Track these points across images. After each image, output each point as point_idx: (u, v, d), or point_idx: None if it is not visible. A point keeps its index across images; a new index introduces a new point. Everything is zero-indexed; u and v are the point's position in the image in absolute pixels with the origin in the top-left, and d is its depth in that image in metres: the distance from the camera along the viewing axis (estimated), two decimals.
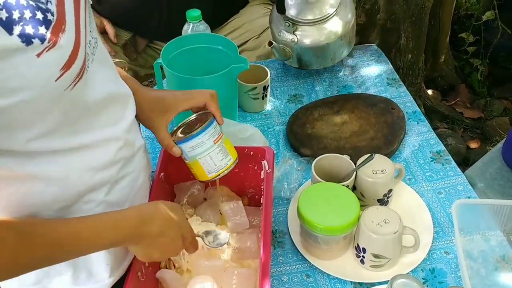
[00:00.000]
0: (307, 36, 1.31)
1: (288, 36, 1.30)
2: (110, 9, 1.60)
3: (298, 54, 1.35)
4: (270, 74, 1.33)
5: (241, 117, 1.35)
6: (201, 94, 0.93)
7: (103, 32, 1.62)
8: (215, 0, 1.56)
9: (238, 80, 1.31)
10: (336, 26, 1.30)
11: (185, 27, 1.29)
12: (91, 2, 0.77)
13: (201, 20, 1.28)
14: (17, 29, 0.58)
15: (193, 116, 0.93)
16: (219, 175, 0.91)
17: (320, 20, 1.29)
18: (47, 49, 0.61)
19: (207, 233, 0.91)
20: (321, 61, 1.38)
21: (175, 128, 0.93)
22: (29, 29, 0.59)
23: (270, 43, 1.31)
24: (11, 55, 0.58)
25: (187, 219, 0.85)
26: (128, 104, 0.85)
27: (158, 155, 1.03)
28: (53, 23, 0.62)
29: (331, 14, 1.29)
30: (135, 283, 0.80)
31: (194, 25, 1.28)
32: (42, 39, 0.60)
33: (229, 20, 1.66)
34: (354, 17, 1.35)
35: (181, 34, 1.29)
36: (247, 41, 1.65)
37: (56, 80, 0.63)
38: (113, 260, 0.86)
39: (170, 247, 0.80)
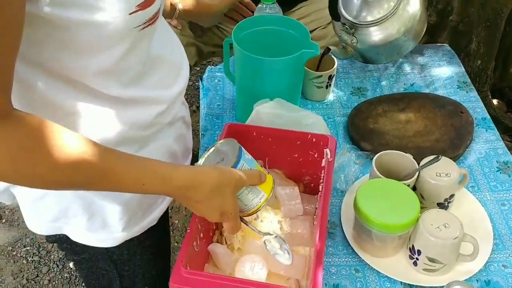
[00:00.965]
0: (367, 37, 1.26)
1: (348, 37, 1.27)
2: None
3: (360, 52, 1.32)
4: (337, 63, 1.31)
5: (302, 105, 1.33)
6: None
7: None
8: None
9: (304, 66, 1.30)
10: (397, 23, 1.24)
11: (258, 7, 1.28)
12: None
13: (275, 2, 1.26)
14: None
15: (218, 144, 0.86)
16: (249, 214, 0.85)
17: (380, 20, 1.22)
18: None
19: (278, 242, 0.86)
20: (386, 57, 1.35)
21: (201, 158, 0.86)
22: None
23: (328, 50, 1.28)
24: None
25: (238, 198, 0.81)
26: (180, 73, 0.88)
27: (218, 132, 1.04)
28: None
29: (391, 13, 1.22)
30: (190, 252, 0.80)
31: (268, 6, 1.27)
32: None
33: (297, 7, 1.64)
34: (421, 9, 1.26)
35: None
36: (313, 30, 1.62)
37: (130, 14, 0.66)
38: (128, 215, 0.88)
39: (206, 214, 0.79)
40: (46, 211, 0.86)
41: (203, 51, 1.74)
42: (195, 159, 1.19)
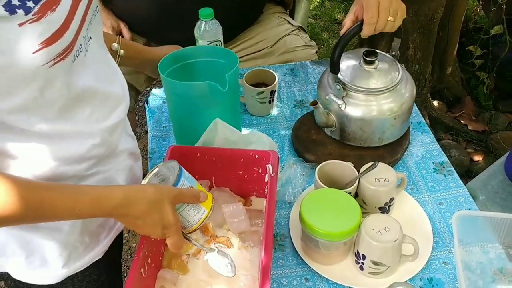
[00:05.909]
0: (356, 105, 1.14)
1: (336, 101, 1.15)
2: (123, 15, 1.61)
3: (342, 123, 1.18)
4: (278, 79, 1.35)
5: (247, 121, 1.36)
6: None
7: (120, 35, 1.63)
8: (232, 11, 1.54)
9: (245, 83, 1.33)
10: (392, 102, 1.14)
11: (198, 24, 1.30)
12: (97, 7, 0.80)
13: (213, 19, 1.28)
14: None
15: (160, 165, 0.90)
16: (192, 230, 0.88)
17: (375, 91, 1.13)
18: (30, 21, 0.64)
19: (220, 257, 0.89)
20: (366, 137, 1.18)
21: (144, 179, 0.89)
22: (15, 1, 0.62)
23: (314, 103, 1.16)
24: None
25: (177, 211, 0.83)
26: (118, 107, 0.87)
27: (165, 154, 1.05)
28: (43, 1, 0.65)
29: (389, 88, 1.13)
30: (138, 279, 0.81)
31: (207, 23, 1.28)
32: (27, 11, 0.63)
33: (245, 30, 1.67)
34: (413, 98, 1.20)
35: (195, 43, 1.31)
36: (261, 50, 1.66)
37: (34, 53, 0.65)
38: (68, 251, 0.88)
39: (148, 230, 0.80)
40: None
41: (152, 76, 1.75)
42: None
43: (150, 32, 1.61)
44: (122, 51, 1.12)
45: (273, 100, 1.36)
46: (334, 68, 1.13)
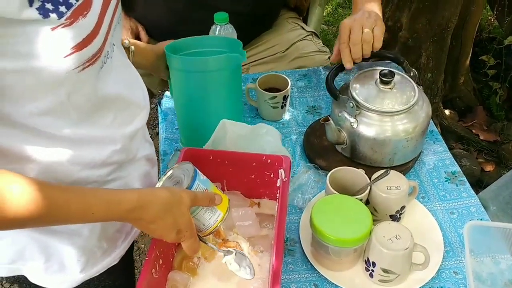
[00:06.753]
0: (368, 124, 1.14)
1: (349, 119, 1.15)
2: (141, 20, 1.63)
3: (353, 141, 1.17)
4: (291, 84, 1.35)
5: None
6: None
7: (137, 38, 1.64)
8: (247, 18, 1.53)
9: (258, 87, 1.33)
10: (406, 124, 1.13)
11: (212, 28, 1.30)
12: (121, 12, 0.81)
13: (228, 23, 1.29)
14: (36, 3, 0.62)
15: (174, 167, 0.89)
16: (208, 233, 0.88)
17: (390, 113, 1.12)
18: (62, 25, 0.64)
19: (238, 260, 0.88)
20: (376, 157, 1.17)
21: (158, 182, 0.88)
22: (49, 6, 0.63)
23: (326, 119, 1.15)
24: (27, 24, 0.61)
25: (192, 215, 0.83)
26: (140, 113, 0.88)
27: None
28: (74, 7, 0.65)
29: (404, 110, 1.12)
30: (149, 280, 0.82)
31: (221, 27, 1.29)
32: (60, 16, 0.64)
33: (260, 35, 1.68)
34: (428, 120, 1.17)
35: None
36: (273, 54, 1.66)
37: (65, 57, 0.66)
38: (86, 257, 0.88)
39: (161, 235, 0.79)
40: (2, 254, 0.85)
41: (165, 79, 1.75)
42: None
43: (166, 38, 1.62)
44: (133, 47, 1.11)
45: (285, 105, 1.36)
46: (331, 93, 1.19)
